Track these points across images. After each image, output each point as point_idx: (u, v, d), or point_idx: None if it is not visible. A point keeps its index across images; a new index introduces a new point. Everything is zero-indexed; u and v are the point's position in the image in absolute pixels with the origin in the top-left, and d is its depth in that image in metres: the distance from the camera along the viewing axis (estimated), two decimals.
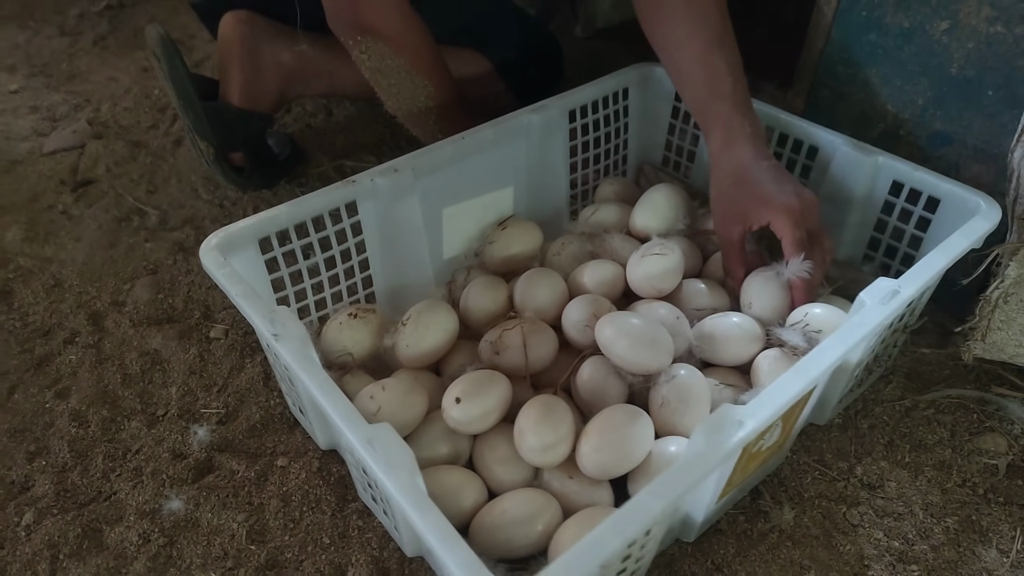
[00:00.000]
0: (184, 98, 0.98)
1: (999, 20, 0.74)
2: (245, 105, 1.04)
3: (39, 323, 0.89)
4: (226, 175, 1.04)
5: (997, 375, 0.79)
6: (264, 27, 1.03)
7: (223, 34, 1.03)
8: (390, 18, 0.85)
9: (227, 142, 1.03)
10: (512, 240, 0.83)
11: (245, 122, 1.04)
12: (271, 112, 1.08)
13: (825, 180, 0.81)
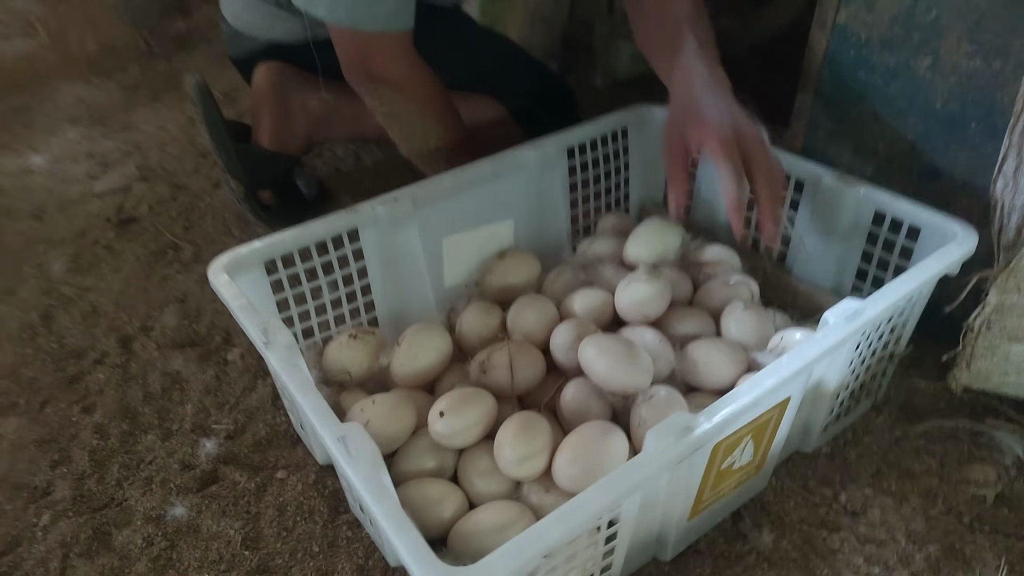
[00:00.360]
0: (217, 140, 1.06)
1: (977, 55, 0.76)
2: (274, 147, 1.11)
3: (74, 345, 0.95)
4: (255, 212, 1.11)
5: (992, 407, 0.78)
6: (293, 76, 1.12)
7: (256, 83, 1.12)
8: (399, 68, 0.92)
9: (256, 181, 1.10)
10: (510, 270, 0.87)
11: (273, 163, 1.11)
12: (298, 154, 1.15)
13: (812, 212, 0.83)
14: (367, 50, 0.90)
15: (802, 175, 0.83)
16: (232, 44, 1.18)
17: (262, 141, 1.12)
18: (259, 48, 1.13)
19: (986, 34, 0.74)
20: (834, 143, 0.92)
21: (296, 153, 1.15)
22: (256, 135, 1.13)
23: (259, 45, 1.13)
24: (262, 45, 1.12)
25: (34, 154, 1.41)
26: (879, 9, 0.82)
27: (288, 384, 0.58)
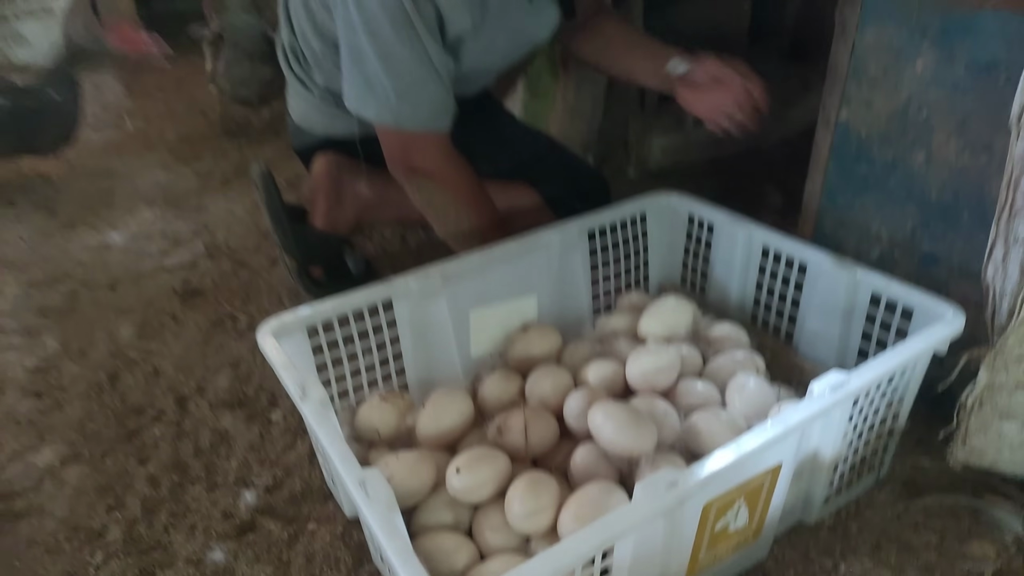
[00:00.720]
0: (276, 220, 1.18)
1: (966, 151, 0.82)
2: (326, 228, 1.23)
3: (135, 403, 1.05)
4: (306, 286, 1.21)
5: (993, 485, 0.80)
6: (346, 166, 1.24)
7: (314, 171, 1.24)
8: (436, 162, 1.03)
9: (309, 258, 1.21)
10: (532, 342, 0.94)
11: (325, 242, 1.22)
12: (348, 234, 1.26)
13: (814, 294, 0.88)
14: (408, 146, 1.01)
15: (804, 259, 0.89)
16: (296, 137, 1.31)
17: (316, 223, 1.23)
18: (318, 142, 1.25)
19: (971, 132, 0.81)
20: (841, 229, 0.97)
21: (346, 233, 1.26)
22: (311, 217, 1.24)
23: (318, 139, 1.25)
24: (321, 139, 1.25)
25: (113, 232, 1.56)
26: (876, 109, 0.89)
27: (318, 434, 0.65)
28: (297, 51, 1.15)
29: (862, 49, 0.88)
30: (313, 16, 1.03)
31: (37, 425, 1.01)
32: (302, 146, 1.30)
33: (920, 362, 0.75)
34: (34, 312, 1.27)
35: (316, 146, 1.26)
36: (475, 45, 1.02)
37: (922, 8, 0.82)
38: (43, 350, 1.17)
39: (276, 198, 1.18)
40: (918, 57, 0.83)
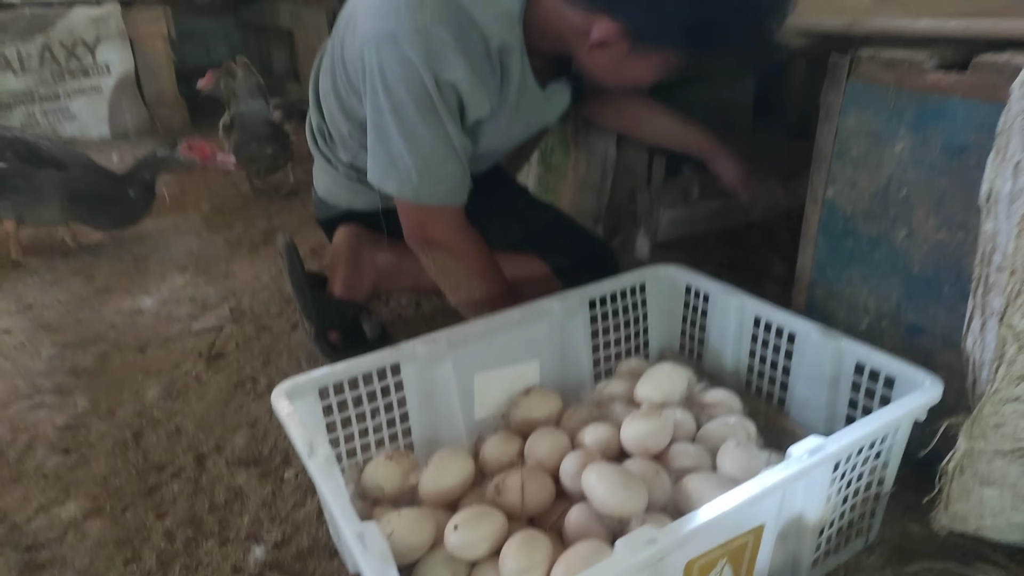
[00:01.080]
0: (297, 287, 1.25)
1: (943, 227, 0.86)
2: (344, 295, 1.29)
3: (156, 460, 1.10)
4: (323, 350, 1.27)
5: (981, 553, 0.81)
6: (366, 237, 1.31)
7: (335, 241, 1.32)
8: (450, 235, 1.10)
9: (326, 324, 1.27)
10: (533, 406, 0.98)
11: (342, 309, 1.29)
12: (365, 302, 1.33)
13: (803, 362, 0.92)
14: (425, 219, 1.08)
15: (793, 328, 0.93)
16: (320, 209, 1.39)
17: (335, 290, 1.30)
18: (340, 214, 1.33)
19: (947, 211, 0.85)
20: (832, 301, 1.01)
21: (363, 301, 1.32)
22: (331, 285, 1.31)
23: (340, 211, 1.33)
24: (343, 211, 1.33)
25: (146, 296, 1.64)
26: (860, 188, 0.94)
27: (322, 489, 0.69)
28: (324, 132, 1.24)
29: (845, 132, 0.94)
30: (342, 101, 1.12)
31: (64, 480, 1.06)
32: (325, 217, 1.38)
33: (901, 428, 0.78)
34: (67, 372, 1.34)
35: (338, 218, 1.34)
36: (492, 128, 1.09)
37: (898, 96, 0.88)
38: (73, 408, 1.23)
39: (298, 267, 1.25)
40: (896, 140, 0.89)
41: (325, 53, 1.17)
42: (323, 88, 1.18)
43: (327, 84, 1.15)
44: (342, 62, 1.07)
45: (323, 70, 1.17)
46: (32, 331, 1.50)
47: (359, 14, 1.01)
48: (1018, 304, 0.74)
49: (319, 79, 1.20)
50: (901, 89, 0.87)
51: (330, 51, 1.14)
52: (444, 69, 0.94)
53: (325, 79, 1.16)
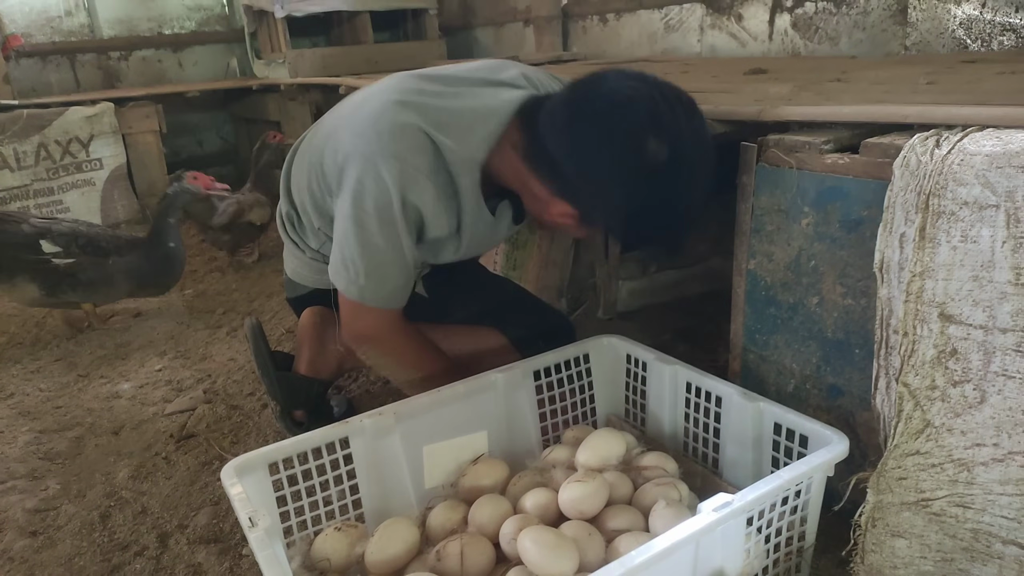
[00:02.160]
0: (262, 368, 1.31)
1: (848, 295, 0.93)
2: (310, 374, 1.35)
3: (121, 539, 1.13)
4: (288, 428, 1.32)
5: None
6: (329, 318, 1.37)
7: (301, 322, 1.38)
8: (383, 333, 1.14)
9: (291, 403, 1.32)
10: (481, 474, 1.02)
11: (307, 387, 1.34)
12: (330, 380, 1.38)
13: (730, 424, 0.97)
14: (359, 316, 1.13)
15: (719, 392, 0.98)
16: (289, 288, 1.45)
17: (300, 368, 1.35)
18: (307, 292, 1.40)
19: (851, 279, 0.92)
20: (763, 365, 1.07)
21: (328, 379, 1.38)
22: (296, 364, 1.37)
23: (308, 291, 1.40)
24: (310, 290, 1.39)
25: (124, 382, 1.69)
26: (776, 259, 1.02)
27: (258, 559, 0.73)
28: (293, 219, 1.31)
29: (759, 210, 1.02)
30: (316, 199, 1.19)
31: (29, 562, 1.09)
32: (294, 296, 1.44)
33: (814, 483, 0.82)
34: (41, 457, 1.38)
35: (306, 296, 1.40)
36: (450, 244, 1.17)
37: (800, 177, 0.96)
38: (45, 492, 1.27)
39: (262, 348, 1.31)
40: (802, 217, 0.97)
41: (298, 151, 1.26)
42: (296, 182, 1.25)
43: (302, 180, 1.23)
44: (320, 167, 1.15)
45: (298, 167, 1.25)
46: (11, 419, 1.55)
47: (341, 132, 1.10)
48: (911, 364, 0.80)
49: (291, 172, 1.28)
50: (803, 171, 0.96)
51: (307, 153, 1.22)
52: (412, 192, 1.03)
53: (300, 175, 1.24)
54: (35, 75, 3.59)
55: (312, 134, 1.23)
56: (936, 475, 0.78)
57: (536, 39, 3.08)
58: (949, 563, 0.79)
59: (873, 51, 2.01)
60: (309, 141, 1.23)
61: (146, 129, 3.14)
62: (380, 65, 3.17)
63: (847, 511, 0.86)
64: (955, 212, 0.77)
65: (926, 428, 0.79)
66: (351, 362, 1.40)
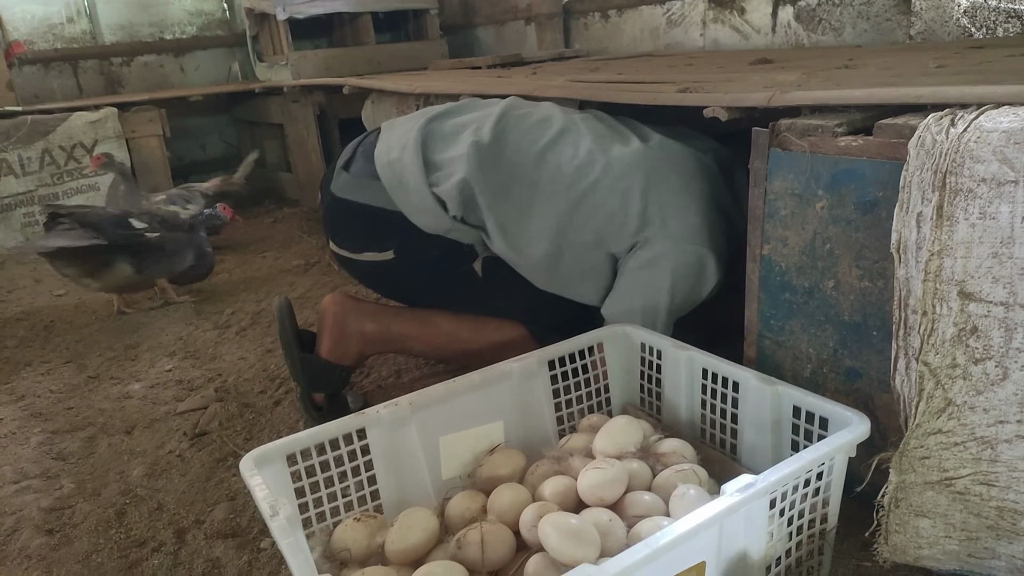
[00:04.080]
0: (286, 347, 1.33)
1: (865, 277, 0.93)
2: (331, 359, 1.35)
3: (138, 536, 1.13)
4: (307, 410, 1.34)
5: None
6: (351, 306, 1.37)
7: (322, 308, 1.39)
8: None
9: (313, 385, 1.33)
10: (498, 464, 1.02)
11: (329, 372, 1.35)
12: (352, 366, 1.38)
13: (747, 409, 0.97)
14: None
15: (736, 378, 0.98)
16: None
17: (322, 353, 1.35)
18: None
19: (867, 261, 0.92)
20: (779, 351, 1.07)
21: (350, 366, 1.38)
22: (318, 347, 1.37)
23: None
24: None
25: (135, 382, 1.69)
26: (790, 244, 1.01)
27: (281, 548, 0.73)
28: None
29: (773, 195, 1.02)
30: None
31: (47, 560, 1.09)
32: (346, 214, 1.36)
33: (836, 464, 0.82)
34: (54, 457, 1.38)
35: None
36: None
37: (813, 160, 0.96)
38: (59, 491, 1.26)
39: (289, 328, 1.32)
40: (816, 200, 0.96)
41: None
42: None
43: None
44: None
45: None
46: (23, 420, 1.55)
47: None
48: (931, 343, 0.80)
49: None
50: (816, 154, 0.95)
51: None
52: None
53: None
54: (38, 82, 3.60)
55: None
56: (959, 454, 0.78)
57: (538, 37, 3.08)
58: (974, 542, 0.78)
59: (877, 41, 2.01)
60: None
61: (150, 133, 3.14)
62: (383, 66, 3.18)
63: (865, 495, 0.86)
64: (973, 189, 0.77)
65: (948, 407, 0.79)
66: (372, 349, 1.40)
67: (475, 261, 1.30)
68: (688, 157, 1.27)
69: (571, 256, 1.24)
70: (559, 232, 1.22)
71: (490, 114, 1.29)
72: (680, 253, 1.19)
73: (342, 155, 1.37)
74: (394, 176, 1.25)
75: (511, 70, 2.46)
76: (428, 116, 1.30)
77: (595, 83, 1.53)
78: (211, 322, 2.05)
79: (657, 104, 1.25)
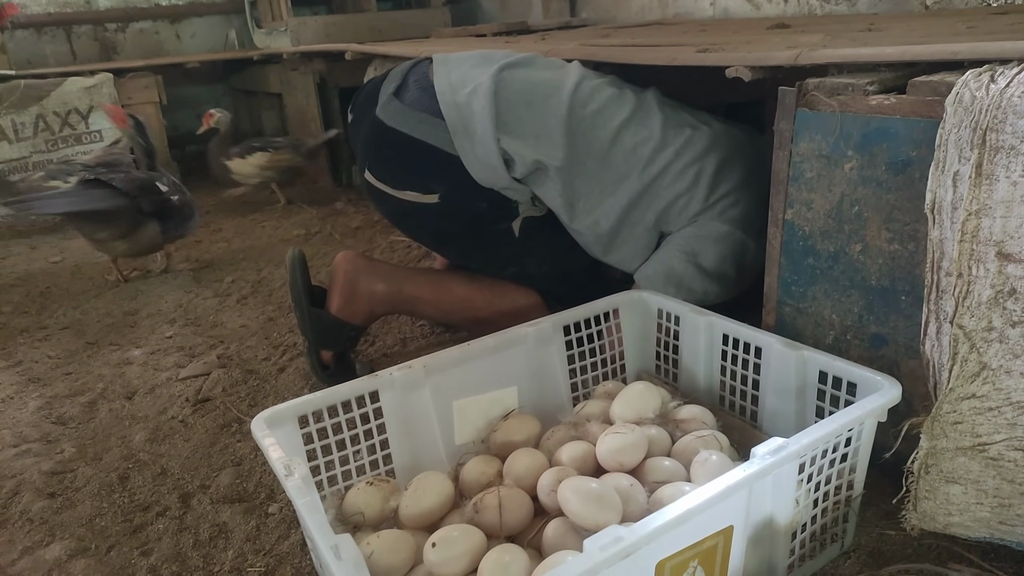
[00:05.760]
0: (295, 300, 1.31)
1: (895, 240, 0.90)
2: (341, 317, 1.32)
3: (142, 500, 1.11)
4: (314, 367, 1.32)
5: (957, 554, 0.82)
6: (364, 265, 1.34)
7: (334, 265, 1.37)
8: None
9: (321, 341, 1.31)
10: (512, 430, 1.00)
11: (337, 329, 1.32)
12: (362, 326, 1.35)
13: (770, 375, 0.94)
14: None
15: (759, 343, 0.96)
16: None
17: (331, 310, 1.32)
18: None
19: (897, 223, 0.89)
20: (799, 318, 1.05)
21: (360, 325, 1.35)
22: (328, 304, 1.34)
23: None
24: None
25: (135, 348, 1.66)
26: (815, 208, 0.99)
27: (298, 507, 0.71)
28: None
29: (798, 157, 0.99)
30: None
31: (49, 523, 1.07)
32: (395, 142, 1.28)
33: (865, 430, 0.80)
34: (54, 421, 1.36)
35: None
36: None
37: (844, 120, 0.93)
38: (60, 455, 1.24)
39: (300, 281, 1.29)
40: (845, 161, 0.93)
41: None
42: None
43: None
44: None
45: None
46: (20, 385, 1.52)
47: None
48: (966, 305, 0.78)
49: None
50: (846, 113, 0.92)
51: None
52: None
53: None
54: (30, 46, 3.53)
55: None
56: (993, 419, 0.76)
57: (543, 5, 3.03)
58: (1007, 508, 0.77)
59: (892, 10, 1.97)
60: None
61: (146, 100, 3.08)
62: (384, 34, 3.12)
63: (888, 465, 0.84)
64: (1015, 146, 0.74)
65: (982, 371, 0.76)
66: (383, 309, 1.37)
67: (515, 220, 1.27)
68: (749, 145, 1.28)
69: (629, 234, 1.24)
70: (626, 211, 1.21)
71: (564, 79, 1.25)
72: (732, 240, 1.20)
73: (387, 79, 1.31)
74: (460, 120, 1.20)
75: (518, 37, 2.41)
76: (500, 64, 1.24)
77: (609, 47, 1.49)
78: (211, 290, 2.02)
79: (676, 65, 1.22)
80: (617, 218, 1.22)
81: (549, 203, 1.24)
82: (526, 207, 1.28)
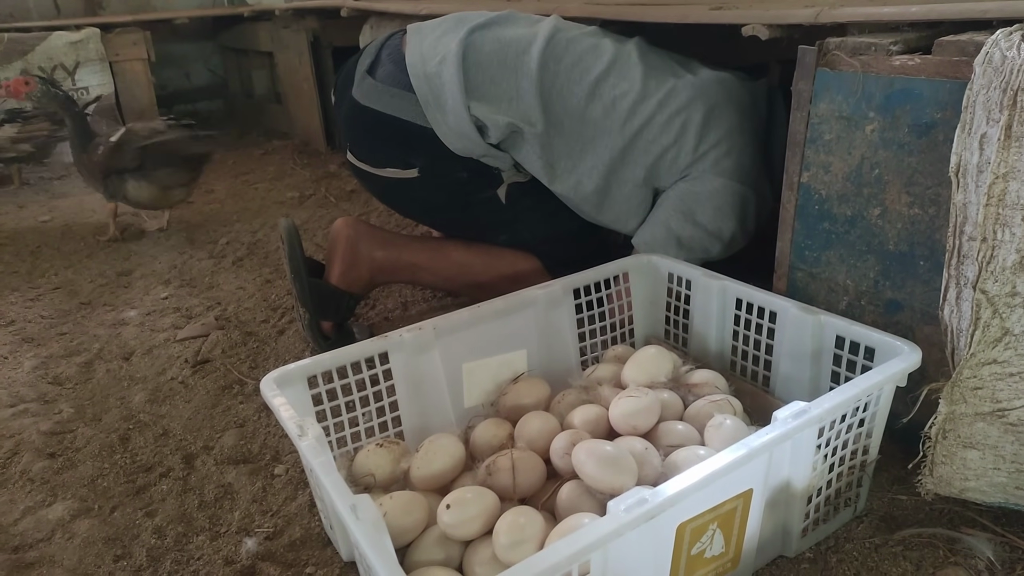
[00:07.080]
0: (294, 271, 1.27)
1: (915, 204, 0.89)
2: (341, 286, 1.30)
3: (144, 461, 1.09)
4: (315, 338, 1.29)
5: (969, 518, 0.83)
6: (364, 231, 1.32)
7: (333, 231, 1.34)
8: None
9: (320, 312, 1.29)
10: (522, 393, 0.98)
11: (337, 299, 1.30)
12: (361, 294, 1.34)
13: (784, 340, 0.94)
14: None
15: (774, 307, 0.95)
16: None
17: (331, 279, 1.30)
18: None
19: (919, 187, 0.88)
20: (812, 283, 1.04)
21: (359, 293, 1.33)
22: (327, 274, 1.32)
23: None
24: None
25: (130, 309, 1.64)
26: (833, 171, 0.97)
27: (313, 466, 0.70)
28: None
29: (816, 119, 0.97)
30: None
31: (50, 483, 1.05)
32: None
33: (883, 395, 0.79)
34: (50, 381, 1.33)
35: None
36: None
37: (866, 80, 0.90)
38: (59, 415, 1.22)
39: (297, 252, 1.26)
40: (866, 123, 0.92)
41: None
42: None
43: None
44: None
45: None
46: (14, 344, 1.49)
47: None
48: (990, 270, 0.77)
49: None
50: (868, 74, 0.90)
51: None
52: None
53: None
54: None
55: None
56: (1014, 384, 0.75)
57: None
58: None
59: None
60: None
61: (134, 57, 3.00)
62: None
63: (899, 431, 0.84)
64: None
65: (1005, 336, 0.76)
66: (382, 277, 1.35)
67: (500, 187, 1.25)
68: (741, 90, 1.23)
69: (618, 192, 1.20)
70: (611, 169, 1.18)
71: (537, 34, 1.20)
72: (728, 193, 1.16)
73: (362, 56, 1.28)
74: (431, 92, 1.17)
75: None
76: (468, 26, 1.20)
77: (616, 4, 1.45)
78: (205, 251, 1.98)
79: (688, 22, 1.19)
80: (602, 177, 1.19)
81: (529, 167, 1.21)
82: (510, 174, 1.26)
